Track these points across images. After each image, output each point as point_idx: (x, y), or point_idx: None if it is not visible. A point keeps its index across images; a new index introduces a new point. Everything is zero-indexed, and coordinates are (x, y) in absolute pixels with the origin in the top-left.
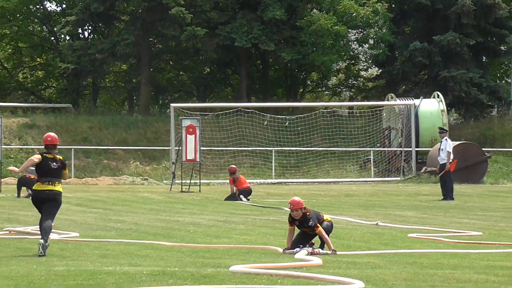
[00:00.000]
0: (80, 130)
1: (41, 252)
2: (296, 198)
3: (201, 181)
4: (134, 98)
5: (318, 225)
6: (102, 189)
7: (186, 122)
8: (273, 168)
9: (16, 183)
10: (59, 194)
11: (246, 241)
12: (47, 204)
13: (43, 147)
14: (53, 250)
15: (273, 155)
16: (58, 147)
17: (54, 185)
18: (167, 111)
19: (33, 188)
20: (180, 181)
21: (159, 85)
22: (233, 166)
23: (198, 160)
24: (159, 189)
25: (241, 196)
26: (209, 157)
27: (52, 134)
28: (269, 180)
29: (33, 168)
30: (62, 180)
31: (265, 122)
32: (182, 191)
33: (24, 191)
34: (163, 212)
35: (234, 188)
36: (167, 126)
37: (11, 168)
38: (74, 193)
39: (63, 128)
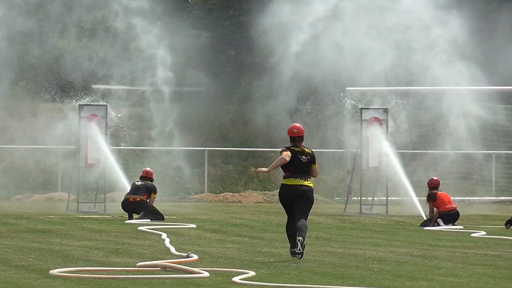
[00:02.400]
0: (217, 123)
1: (299, 249)
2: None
3: (389, 198)
4: None
5: None
6: (247, 209)
7: (368, 113)
8: (493, 180)
9: (121, 205)
10: (311, 190)
11: (454, 284)
12: (298, 203)
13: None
14: None
15: (493, 162)
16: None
17: (305, 180)
18: (340, 95)
19: (282, 183)
20: (359, 198)
21: None
22: (435, 178)
23: (383, 168)
24: (328, 210)
25: (440, 220)
26: (404, 162)
27: (297, 124)
28: (487, 198)
29: (140, 183)
30: (311, 177)
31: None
32: (361, 213)
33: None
34: (334, 243)
35: (434, 209)
36: (337, 118)
37: (260, 169)
38: (208, 214)
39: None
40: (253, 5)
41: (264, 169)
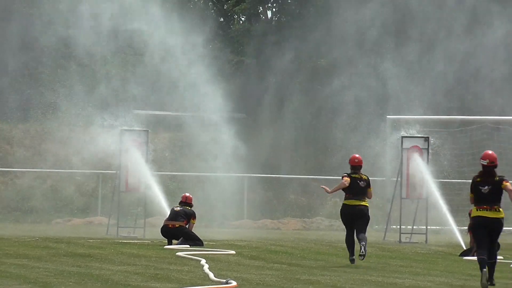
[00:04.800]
0: (259, 150)
1: (362, 252)
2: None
3: (429, 227)
4: None
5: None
6: (286, 236)
7: (408, 142)
8: None
9: (160, 231)
10: (367, 208)
11: None
12: (358, 221)
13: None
14: None
15: None
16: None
17: (362, 201)
18: (381, 124)
19: (344, 203)
20: (398, 226)
21: None
22: None
23: (423, 197)
24: (368, 238)
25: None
26: (444, 191)
27: (357, 155)
28: None
29: (179, 209)
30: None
31: None
32: (400, 241)
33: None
34: (373, 271)
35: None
36: (380, 144)
37: (324, 187)
38: (247, 240)
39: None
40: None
41: (327, 188)
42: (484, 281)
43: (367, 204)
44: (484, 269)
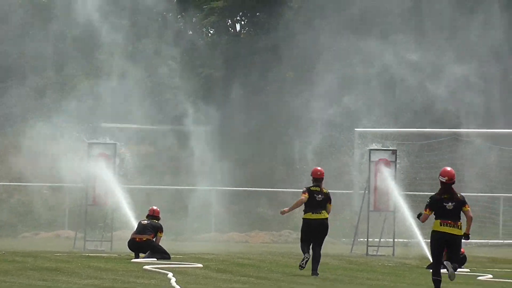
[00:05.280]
0: (227, 163)
1: (303, 265)
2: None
3: (396, 240)
4: None
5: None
6: (253, 249)
7: (376, 155)
8: (501, 223)
9: (127, 245)
10: (326, 221)
11: None
12: (317, 235)
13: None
14: None
15: (501, 205)
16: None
17: (320, 214)
18: (349, 136)
19: (303, 217)
20: (366, 239)
21: None
22: None
23: (391, 210)
24: (335, 251)
25: (448, 262)
26: (412, 204)
27: (319, 168)
28: (495, 241)
29: (146, 223)
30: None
31: (491, 158)
32: (368, 254)
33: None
34: (340, 284)
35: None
36: (347, 156)
37: (283, 210)
38: (212, 254)
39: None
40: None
41: (286, 210)
42: None
43: (327, 217)
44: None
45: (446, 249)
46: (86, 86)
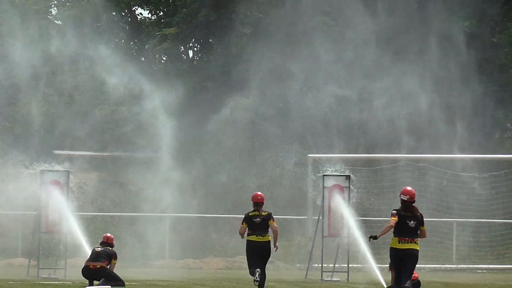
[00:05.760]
0: (180, 189)
1: (256, 278)
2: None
3: (350, 265)
4: None
5: None
6: (209, 276)
7: (330, 181)
8: (454, 247)
9: (81, 272)
10: (268, 243)
11: None
12: (259, 256)
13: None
14: None
15: (454, 229)
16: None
17: (263, 236)
18: (302, 161)
19: (247, 239)
20: (320, 265)
21: None
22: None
23: (345, 235)
24: (289, 276)
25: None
26: (363, 229)
27: (259, 193)
28: (448, 266)
29: (100, 250)
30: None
31: (444, 182)
32: (322, 279)
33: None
34: None
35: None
36: (301, 183)
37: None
38: (167, 280)
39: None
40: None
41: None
42: None
43: (269, 239)
44: None
45: (403, 264)
46: (38, 112)
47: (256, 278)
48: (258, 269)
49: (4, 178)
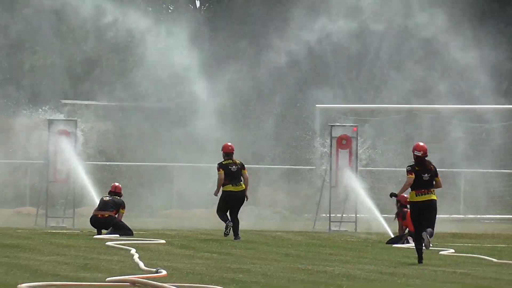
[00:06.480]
0: (188, 137)
1: (227, 232)
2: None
3: (358, 215)
4: None
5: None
6: (215, 226)
7: (337, 131)
8: (462, 197)
9: (89, 221)
10: (244, 192)
11: None
12: (235, 205)
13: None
14: None
15: (462, 179)
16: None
17: (238, 186)
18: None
19: (224, 189)
20: (328, 214)
21: None
22: (405, 195)
23: (354, 184)
24: (297, 227)
25: (410, 238)
26: (370, 179)
27: (229, 143)
28: (455, 216)
29: (108, 199)
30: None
31: (454, 132)
32: (330, 230)
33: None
34: (303, 259)
35: (403, 226)
36: (307, 133)
37: (214, 193)
38: (175, 230)
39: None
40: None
41: (215, 192)
42: (421, 261)
43: (244, 188)
44: (421, 254)
45: (423, 216)
46: (47, 61)
47: (227, 232)
48: (230, 223)
49: (12, 128)
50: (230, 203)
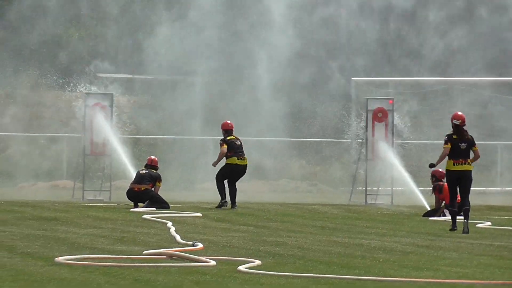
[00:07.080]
0: (225, 111)
1: (235, 206)
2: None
3: (394, 188)
4: None
5: None
6: (252, 199)
7: (373, 104)
8: (498, 170)
9: (126, 195)
10: (246, 166)
11: (459, 275)
12: (236, 177)
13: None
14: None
15: (499, 152)
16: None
17: (243, 160)
18: (346, 84)
19: (228, 162)
20: (364, 187)
21: None
22: (440, 170)
23: (390, 158)
24: (333, 200)
25: (446, 211)
26: (404, 152)
27: (229, 121)
28: (492, 189)
29: (144, 172)
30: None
31: (490, 105)
32: (366, 202)
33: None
34: (339, 232)
35: (440, 199)
36: (343, 108)
37: (213, 163)
38: (211, 203)
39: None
40: None
41: (214, 163)
42: (454, 228)
43: (247, 163)
44: (455, 219)
45: (459, 184)
46: (82, 35)
47: (220, 207)
48: (226, 203)
49: (49, 101)
50: (232, 175)
